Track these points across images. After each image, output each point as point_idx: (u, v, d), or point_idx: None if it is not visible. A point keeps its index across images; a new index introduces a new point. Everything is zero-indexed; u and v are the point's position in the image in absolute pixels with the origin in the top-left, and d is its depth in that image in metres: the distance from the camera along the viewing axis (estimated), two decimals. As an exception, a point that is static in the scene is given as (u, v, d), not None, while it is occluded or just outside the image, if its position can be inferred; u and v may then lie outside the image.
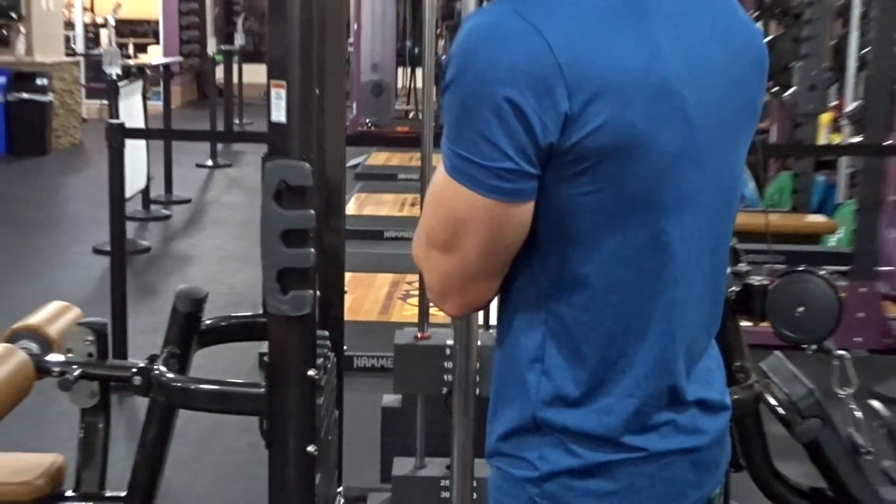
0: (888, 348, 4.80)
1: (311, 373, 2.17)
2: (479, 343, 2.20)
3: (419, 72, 12.86)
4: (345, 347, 2.93)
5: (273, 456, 2.22)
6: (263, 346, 4.25)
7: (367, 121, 11.82)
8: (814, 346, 2.49)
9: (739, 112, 1.28)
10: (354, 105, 12.37)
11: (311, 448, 2.19)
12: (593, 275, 1.19)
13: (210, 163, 10.09)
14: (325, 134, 2.53)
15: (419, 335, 2.43)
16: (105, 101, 12.12)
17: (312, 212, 2.10)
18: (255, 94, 14.95)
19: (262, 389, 2.22)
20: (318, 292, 2.21)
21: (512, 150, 1.11)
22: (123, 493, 2.52)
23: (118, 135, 4.25)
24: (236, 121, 12.02)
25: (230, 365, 4.12)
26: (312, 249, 2.12)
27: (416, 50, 12.31)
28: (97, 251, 6.57)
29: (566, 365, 1.21)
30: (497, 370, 1.31)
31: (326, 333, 2.43)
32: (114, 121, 4.78)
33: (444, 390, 2.29)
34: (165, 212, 7.92)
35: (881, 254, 5.16)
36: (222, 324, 2.70)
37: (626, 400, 1.22)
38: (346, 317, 5.09)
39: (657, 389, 1.24)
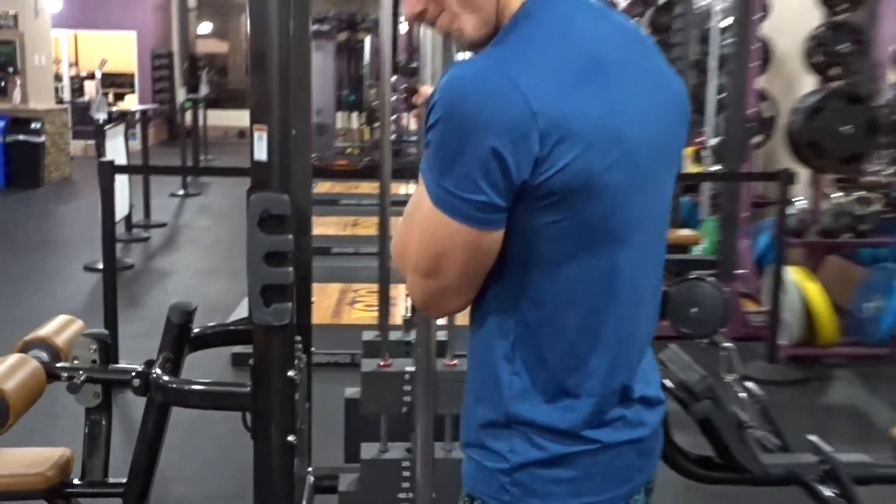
0: (746, 336, 4.84)
1: (290, 373, 2.08)
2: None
3: (354, 115, 12.85)
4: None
5: (258, 445, 2.13)
6: (236, 348, 4.16)
7: (312, 155, 11.66)
8: (705, 340, 2.48)
9: (671, 152, 1.25)
10: (301, 143, 12.20)
11: (290, 438, 2.10)
12: (555, 292, 1.14)
13: (181, 192, 9.85)
14: (296, 168, 2.44)
15: (382, 363, 2.34)
16: (89, 141, 11.92)
17: (291, 236, 2.02)
18: (218, 134, 14.82)
19: (248, 388, 2.12)
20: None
21: (488, 187, 1.06)
22: (124, 480, 2.40)
23: (109, 170, 4.10)
24: (202, 157, 11.77)
25: (208, 363, 3.97)
26: (291, 268, 2.04)
27: (352, 97, 12.25)
28: (87, 269, 6.38)
29: (533, 368, 1.17)
30: (472, 371, 1.25)
31: (300, 338, 2.34)
32: (104, 159, 4.59)
33: (404, 409, 2.21)
34: (145, 234, 7.70)
35: (738, 260, 5.22)
36: (209, 332, 2.59)
37: (586, 399, 1.17)
38: (304, 320, 5.00)
39: (611, 390, 1.19)
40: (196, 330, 2.51)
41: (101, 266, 6.27)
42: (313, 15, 10.22)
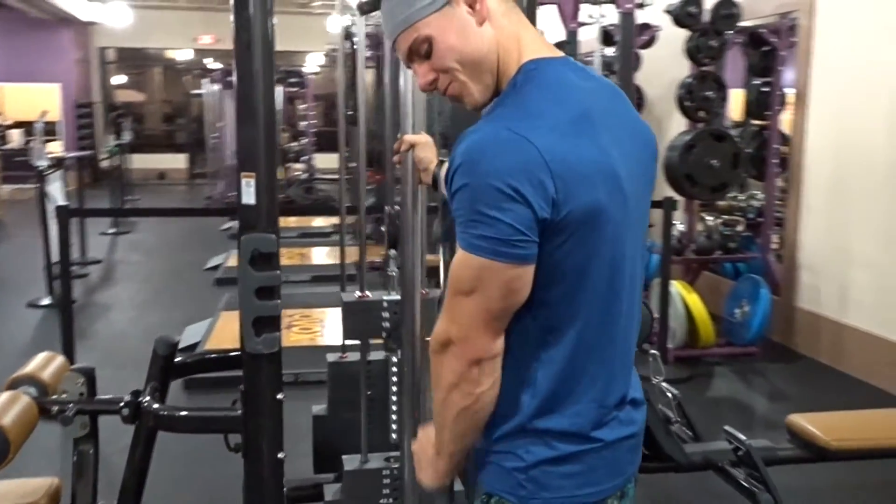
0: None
1: (279, 396, 2.03)
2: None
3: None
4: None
5: (248, 463, 2.06)
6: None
7: (231, 194, 11.49)
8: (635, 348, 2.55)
9: (647, 187, 1.29)
10: (221, 183, 12.00)
11: (280, 455, 2.05)
12: (571, 319, 1.16)
13: (112, 231, 9.47)
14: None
15: (360, 295, 2.26)
16: (17, 186, 11.39)
17: (279, 272, 1.98)
18: (139, 176, 14.35)
19: (239, 412, 2.05)
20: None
21: (520, 225, 1.08)
22: (113, 504, 2.29)
23: (65, 214, 3.92)
24: (127, 197, 11.35)
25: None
26: (279, 301, 2.00)
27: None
28: (31, 305, 6.06)
29: (549, 388, 1.18)
30: None
31: (278, 363, 2.29)
32: (61, 203, 4.39)
33: (384, 335, 2.17)
34: (83, 271, 7.34)
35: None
36: (188, 360, 2.50)
37: (590, 404, 1.20)
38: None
39: (611, 395, 1.22)
40: (177, 359, 2.43)
41: (44, 302, 6.04)
42: (228, 67, 9.78)
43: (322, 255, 8.19)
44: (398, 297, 2.12)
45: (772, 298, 4.86)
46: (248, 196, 1.96)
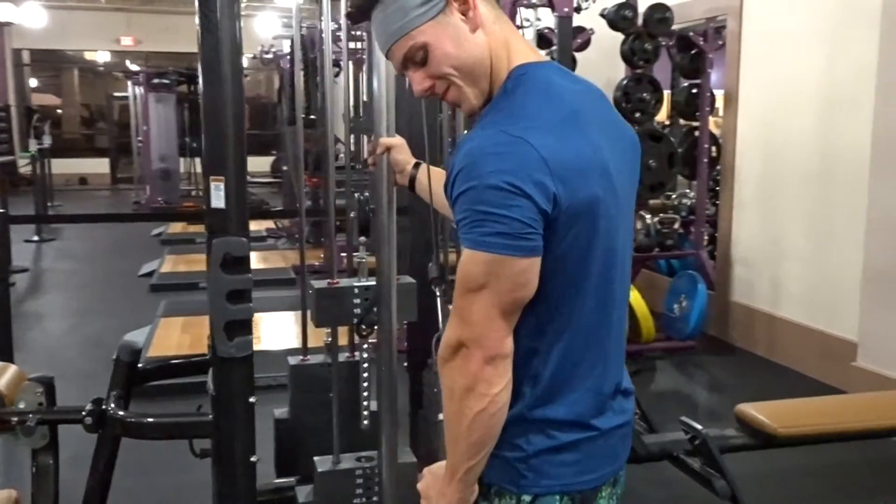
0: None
1: (251, 400, 2.04)
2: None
3: (197, 160, 12.40)
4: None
5: (219, 468, 2.07)
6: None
7: (160, 199, 11.26)
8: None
9: (632, 185, 1.34)
10: (148, 188, 11.74)
11: (253, 458, 2.05)
12: (570, 311, 1.20)
13: (37, 238, 9.17)
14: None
15: (331, 282, 2.23)
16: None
17: (250, 275, 1.99)
18: (60, 181, 13.90)
19: (210, 417, 2.05)
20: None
21: (526, 219, 1.11)
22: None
23: (4, 220, 3.82)
24: (49, 203, 11.00)
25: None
26: (251, 304, 2.00)
27: (194, 144, 11.83)
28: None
29: (550, 376, 1.22)
30: None
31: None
32: (-3, 210, 4.26)
33: (355, 321, 2.18)
34: (9, 281, 7.08)
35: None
36: (149, 367, 2.48)
37: (587, 393, 1.24)
38: (191, 350, 4.76)
39: (606, 383, 1.27)
40: (139, 366, 2.40)
41: (-29, 314, 5.83)
42: (154, 69, 9.46)
43: (257, 260, 8.10)
44: (368, 283, 2.14)
45: (708, 293, 5.02)
46: (218, 199, 1.96)
